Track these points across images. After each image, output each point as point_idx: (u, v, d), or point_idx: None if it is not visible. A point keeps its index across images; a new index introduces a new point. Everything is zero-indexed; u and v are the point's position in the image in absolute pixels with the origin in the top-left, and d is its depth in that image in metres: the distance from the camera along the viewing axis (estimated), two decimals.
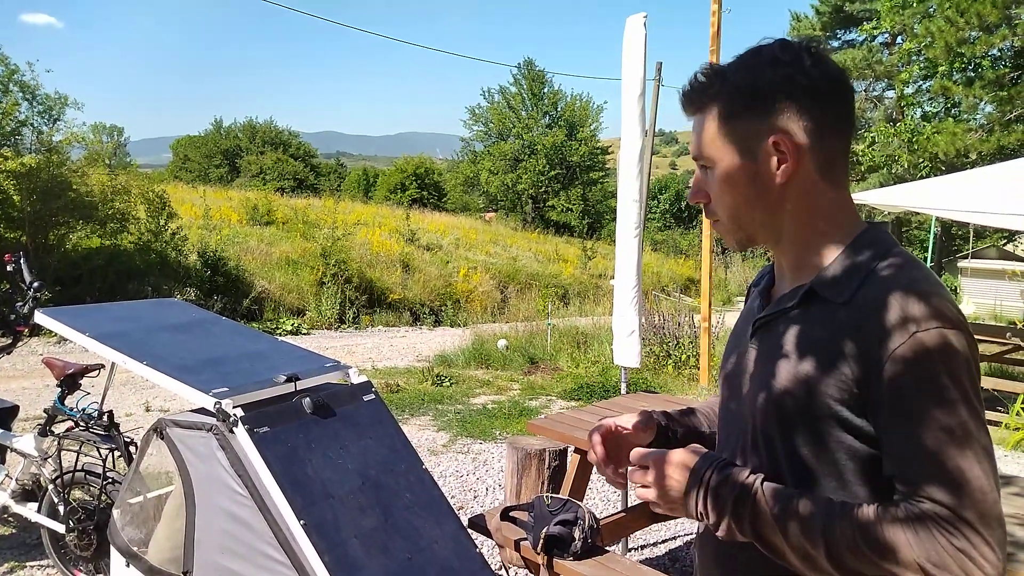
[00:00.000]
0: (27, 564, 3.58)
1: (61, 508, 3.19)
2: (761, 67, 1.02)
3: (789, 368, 1.02)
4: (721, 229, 1.12)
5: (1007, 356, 7.84)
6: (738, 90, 1.02)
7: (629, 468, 1.09)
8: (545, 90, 36.88)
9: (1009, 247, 23.05)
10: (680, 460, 1.04)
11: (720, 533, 0.99)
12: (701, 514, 1.01)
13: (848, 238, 1.04)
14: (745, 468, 1.02)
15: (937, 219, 13.25)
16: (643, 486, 1.07)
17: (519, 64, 37.72)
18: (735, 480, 0.99)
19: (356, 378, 2.68)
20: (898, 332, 0.91)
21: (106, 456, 3.11)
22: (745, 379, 1.12)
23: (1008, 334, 7.57)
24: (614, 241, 4.05)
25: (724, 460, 1.03)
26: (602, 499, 4.79)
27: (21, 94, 11.41)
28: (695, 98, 1.07)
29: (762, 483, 0.98)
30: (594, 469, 1.05)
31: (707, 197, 1.10)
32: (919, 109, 20.03)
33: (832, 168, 1.04)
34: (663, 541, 4.18)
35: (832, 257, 1.03)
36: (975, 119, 17.82)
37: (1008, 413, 6.45)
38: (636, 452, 1.09)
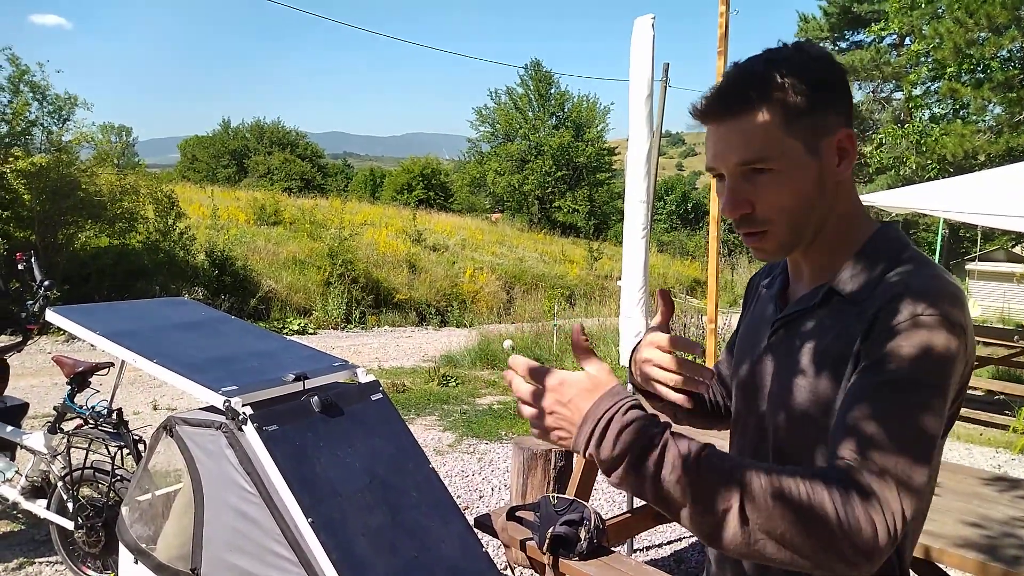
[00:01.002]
0: (36, 560, 3.60)
1: (70, 505, 3.21)
2: (823, 62, 1.00)
3: (807, 379, 1.01)
4: (767, 239, 1.02)
5: (1015, 359, 7.80)
6: (808, 85, 0.97)
7: (515, 378, 0.94)
8: (552, 91, 36.84)
9: (1017, 249, 22.91)
10: (583, 386, 0.89)
11: (613, 479, 0.87)
12: (591, 453, 0.87)
13: (864, 236, 1.03)
14: (654, 415, 0.89)
15: (945, 221, 13.19)
16: (526, 403, 0.93)
17: (526, 65, 37.69)
18: (644, 422, 0.86)
19: (364, 377, 2.69)
20: (901, 323, 0.90)
21: (115, 454, 3.14)
22: (761, 390, 1.10)
23: (1016, 337, 7.54)
24: (621, 242, 4.05)
25: (634, 399, 0.89)
26: (608, 500, 4.79)
27: (31, 94, 11.47)
28: (747, 94, 0.98)
29: (672, 434, 0.87)
30: (599, 470, 0.95)
31: (749, 206, 1.00)
32: (927, 111, 19.93)
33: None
34: (669, 542, 4.18)
35: (848, 256, 1.03)
36: (984, 121, 17.75)
37: (1016, 417, 6.42)
38: (525, 363, 0.94)
